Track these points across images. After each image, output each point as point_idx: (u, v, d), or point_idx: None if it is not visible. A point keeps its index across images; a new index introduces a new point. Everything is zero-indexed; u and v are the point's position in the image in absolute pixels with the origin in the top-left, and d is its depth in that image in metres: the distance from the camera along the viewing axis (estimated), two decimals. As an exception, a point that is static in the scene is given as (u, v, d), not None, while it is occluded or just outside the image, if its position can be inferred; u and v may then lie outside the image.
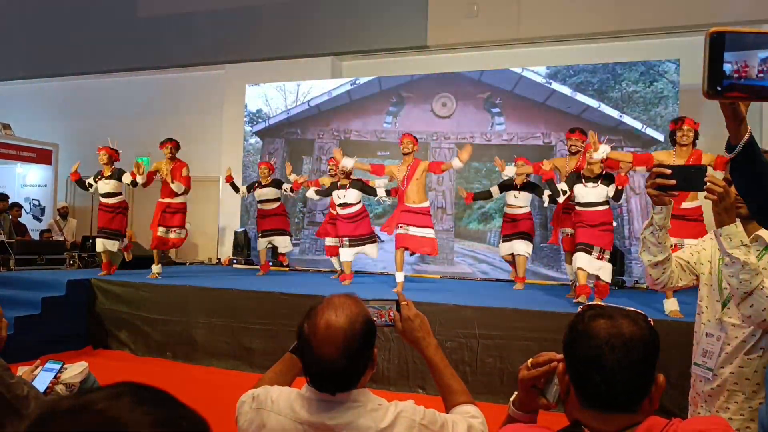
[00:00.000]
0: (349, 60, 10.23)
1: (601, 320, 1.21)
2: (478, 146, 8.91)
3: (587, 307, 1.28)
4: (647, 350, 1.19)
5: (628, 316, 1.22)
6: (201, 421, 0.65)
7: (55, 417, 0.59)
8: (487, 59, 9.19)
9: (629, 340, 1.17)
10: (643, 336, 1.19)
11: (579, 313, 1.28)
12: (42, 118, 12.27)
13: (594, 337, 1.19)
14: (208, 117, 10.90)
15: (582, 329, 1.22)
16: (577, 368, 1.22)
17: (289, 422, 1.44)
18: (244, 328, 5.78)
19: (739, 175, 1.41)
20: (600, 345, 1.17)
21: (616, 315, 1.22)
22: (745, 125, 1.33)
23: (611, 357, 1.16)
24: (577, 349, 1.22)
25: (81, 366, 2.38)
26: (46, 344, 5.65)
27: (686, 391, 2.24)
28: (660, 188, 1.86)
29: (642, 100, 8.20)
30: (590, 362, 1.18)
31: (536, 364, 1.34)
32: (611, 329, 1.18)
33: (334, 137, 9.80)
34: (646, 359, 1.19)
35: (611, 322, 1.20)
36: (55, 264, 8.60)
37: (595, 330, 1.19)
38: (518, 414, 1.38)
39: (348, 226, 6.80)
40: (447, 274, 8.66)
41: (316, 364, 1.40)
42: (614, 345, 1.16)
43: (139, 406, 0.61)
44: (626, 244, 7.95)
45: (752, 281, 1.84)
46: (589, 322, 1.21)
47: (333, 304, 1.43)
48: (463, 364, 4.91)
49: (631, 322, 1.20)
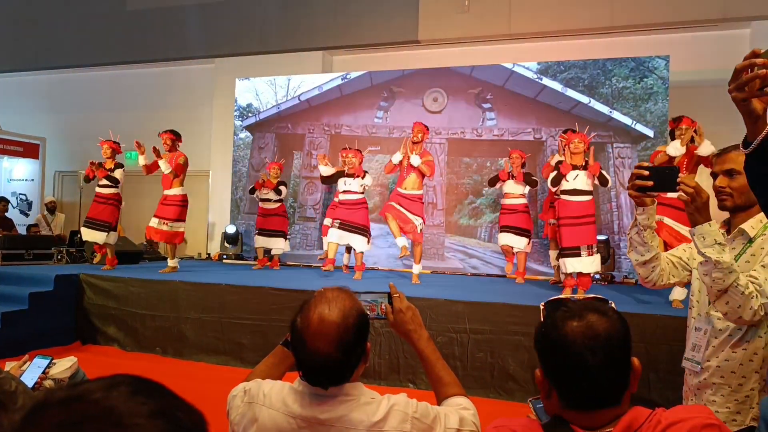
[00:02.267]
0: (340, 54, 10.20)
1: (572, 322, 1.18)
2: (469, 141, 8.92)
3: (550, 306, 1.26)
4: (623, 343, 1.18)
5: (597, 311, 1.20)
6: (196, 412, 0.65)
7: (50, 407, 0.59)
8: (478, 54, 9.18)
9: (607, 340, 1.16)
10: (617, 330, 1.18)
11: (546, 316, 1.25)
12: (29, 112, 12.15)
13: (571, 344, 1.16)
14: (198, 111, 10.83)
15: (555, 337, 1.19)
16: (559, 376, 1.20)
17: (282, 416, 1.43)
18: (234, 324, 5.77)
19: (752, 170, 1.43)
20: (579, 351, 1.16)
21: (584, 313, 1.19)
22: (763, 123, 1.34)
23: (593, 360, 1.15)
24: (556, 357, 1.20)
25: (70, 361, 2.36)
26: (33, 340, 5.61)
27: (675, 386, 2.25)
28: (640, 189, 1.91)
29: (632, 96, 8.23)
30: (573, 369, 1.17)
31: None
32: (586, 331, 1.16)
33: (324, 132, 9.77)
34: (624, 353, 1.19)
35: (583, 322, 1.17)
36: (43, 259, 8.54)
37: (570, 336, 1.17)
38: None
39: (344, 211, 6.91)
40: (437, 269, 8.67)
41: (309, 359, 1.39)
42: (594, 348, 1.15)
43: (135, 397, 0.60)
44: (616, 239, 7.98)
45: (725, 279, 1.86)
46: (562, 327, 1.19)
47: (326, 298, 1.43)
48: (454, 358, 4.92)
49: (601, 317, 1.18)
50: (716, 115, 6.86)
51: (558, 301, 1.26)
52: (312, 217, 9.69)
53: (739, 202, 2.04)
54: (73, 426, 0.56)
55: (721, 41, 8.08)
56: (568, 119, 8.14)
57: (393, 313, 1.68)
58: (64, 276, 6.45)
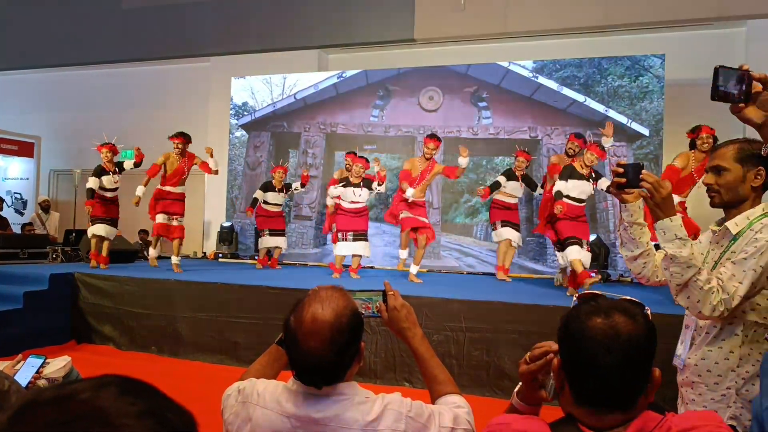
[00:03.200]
0: (335, 53, 10.18)
1: (596, 319, 1.16)
2: (465, 140, 8.92)
3: (582, 300, 1.24)
4: (645, 349, 1.16)
5: (625, 312, 1.17)
6: (186, 412, 0.64)
7: (38, 406, 0.58)
8: (474, 53, 9.18)
9: (626, 342, 1.13)
10: (639, 335, 1.15)
11: (574, 307, 1.24)
12: (24, 111, 12.11)
13: (589, 338, 1.15)
14: (194, 110, 10.81)
15: (576, 329, 1.18)
16: (572, 368, 1.19)
17: (276, 416, 1.43)
18: (230, 322, 5.75)
19: None
20: (595, 347, 1.14)
21: (612, 312, 1.17)
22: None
23: (607, 360, 1.13)
24: (571, 349, 1.19)
25: (64, 360, 2.35)
26: (28, 339, 5.59)
27: (672, 385, 2.25)
28: (618, 187, 1.95)
29: (627, 94, 8.24)
30: (585, 364, 1.15)
31: (533, 357, 1.31)
32: (608, 330, 1.14)
33: (320, 130, 9.76)
34: (643, 359, 1.16)
35: (607, 321, 1.15)
36: (38, 258, 8.51)
37: (591, 330, 1.15)
38: (521, 405, 1.36)
39: (352, 221, 7.02)
40: (434, 268, 8.67)
41: (302, 358, 1.38)
42: (610, 347, 1.13)
43: (124, 397, 0.59)
44: (611, 238, 7.99)
45: (684, 274, 1.89)
46: (585, 320, 1.17)
47: (319, 297, 1.42)
48: (450, 357, 4.92)
49: (629, 320, 1.16)
50: (711, 114, 6.87)
51: (592, 295, 1.24)
52: (308, 216, 9.68)
53: (727, 198, 2.03)
54: (61, 425, 0.56)
55: (717, 40, 8.10)
56: (564, 118, 8.16)
57: (387, 311, 1.67)
58: (59, 275, 6.43)
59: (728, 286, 1.91)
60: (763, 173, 1.99)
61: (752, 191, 2.01)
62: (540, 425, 1.20)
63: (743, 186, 2.01)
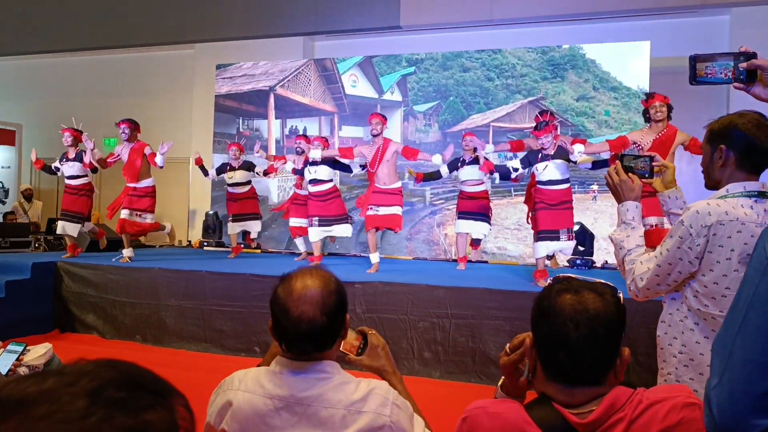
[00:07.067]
0: (321, 40, 10.11)
1: (566, 295, 1.20)
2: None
3: (555, 280, 1.27)
4: (613, 326, 1.19)
5: (594, 290, 1.21)
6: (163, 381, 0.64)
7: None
8: (460, 40, 9.15)
9: (594, 317, 1.17)
10: (608, 311, 1.18)
11: (547, 286, 1.27)
12: (5, 98, 11.93)
13: (559, 314, 1.18)
14: (178, 97, 10.70)
15: (547, 305, 1.22)
16: (543, 344, 1.22)
17: (258, 397, 1.42)
18: (215, 311, 5.73)
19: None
20: (564, 322, 1.17)
21: (582, 289, 1.21)
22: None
23: (575, 334, 1.16)
24: (542, 325, 1.22)
25: (44, 347, 2.32)
26: (10, 328, 5.52)
27: (653, 370, 2.27)
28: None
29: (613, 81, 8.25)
30: (555, 339, 1.19)
31: (513, 347, 1.34)
32: (576, 305, 1.18)
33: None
34: (611, 335, 1.19)
35: (577, 297, 1.19)
36: (20, 247, 8.41)
37: (561, 306, 1.19)
38: (504, 398, 1.38)
39: (318, 206, 6.52)
40: (419, 256, 8.67)
41: (293, 326, 1.39)
42: (579, 321, 1.16)
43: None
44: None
45: (618, 254, 2.09)
46: (555, 297, 1.21)
47: (305, 271, 1.46)
48: (436, 344, 4.94)
49: (598, 297, 1.19)
50: (697, 100, 6.93)
51: (566, 277, 1.27)
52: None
53: (707, 181, 2.03)
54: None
55: (701, 27, 8.12)
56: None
57: (368, 349, 1.63)
58: (42, 264, 6.37)
59: (638, 269, 1.97)
60: (722, 151, 1.91)
61: (722, 172, 1.93)
62: (515, 406, 1.23)
63: (713, 167, 1.96)
